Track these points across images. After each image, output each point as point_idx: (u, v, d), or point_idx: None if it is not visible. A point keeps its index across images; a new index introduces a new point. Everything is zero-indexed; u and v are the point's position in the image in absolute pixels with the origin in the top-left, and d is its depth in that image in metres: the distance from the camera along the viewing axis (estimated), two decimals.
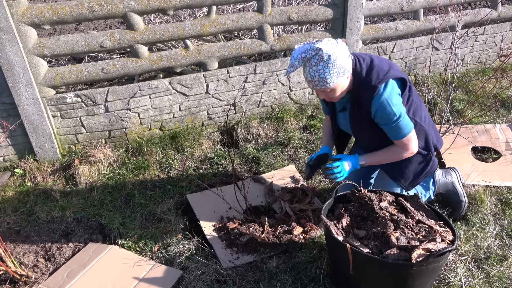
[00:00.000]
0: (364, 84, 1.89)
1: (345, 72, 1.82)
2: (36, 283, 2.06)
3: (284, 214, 2.43)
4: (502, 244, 2.20)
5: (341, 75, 1.81)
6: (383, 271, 1.69)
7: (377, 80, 1.86)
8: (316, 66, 1.76)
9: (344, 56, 1.79)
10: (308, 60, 1.77)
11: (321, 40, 1.78)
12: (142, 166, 2.91)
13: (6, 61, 2.57)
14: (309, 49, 1.75)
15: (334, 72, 1.77)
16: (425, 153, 2.15)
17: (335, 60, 1.75)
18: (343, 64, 1.79)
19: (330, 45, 1.75)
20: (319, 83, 1.81)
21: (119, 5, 2.76)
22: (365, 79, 1.88)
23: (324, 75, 1.77)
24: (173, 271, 2.10)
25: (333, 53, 1.74)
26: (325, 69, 1.76)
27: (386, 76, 1.87)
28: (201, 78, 3.22)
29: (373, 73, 1.88)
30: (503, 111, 3.59)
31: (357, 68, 1.90)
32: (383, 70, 1.89)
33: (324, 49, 1.72)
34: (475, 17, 4.02)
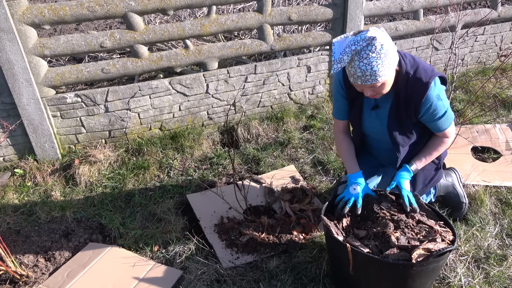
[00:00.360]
0: (413, 80, 1.78)
1: (395, 63, 1.69)
2: (36, 283, 2.06)
3: (284, 214, 2.43)
4: (502, 244, 2.20)
5: (392, 66, 1.67)
6: (383, 271, 1.69)
7: (427, 76, 1.78)
8: (367, 58, 1.59)
9: (393, 45, 1.66)
10: (358, 52, 1.61)
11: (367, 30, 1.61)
12: (142, 166, 2.91)
13: (6, 61, 2.57)
14: (359, 40, 1.58)
15: (386, 63, 1.62)
16: (437, 162, 2.14)
17: (387, 49, 1.60)
18: (393, 54, 1.66)
19: (380, 34, 1.60)
20: (370, 77, 1.64)
21: (119, 5, 2.76)
22: (413, 75, 1.78)
23: (377, 67, 1.61)
24: (173, 271, 2.10)
25: (385, 42, 1.60)
26: (378, 60, 1.60)
27: (433, 73, 1.80)
28: (201, 78, 3.22)
29: (421, 70, 1.79)
30: (503, 111, 3.59)
31: (401, 63, 1.78)
32: (428, 68, 1.82)
33: (377, 37, 1.57)
34: (475, 17, 4.02)
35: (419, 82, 1.78)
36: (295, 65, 3.53)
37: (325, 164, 2.96)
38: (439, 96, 1.83)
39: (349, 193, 1.95)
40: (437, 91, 1.82)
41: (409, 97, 1.83)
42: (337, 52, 1.66)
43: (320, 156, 3.05)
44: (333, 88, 2.07)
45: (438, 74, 1.83)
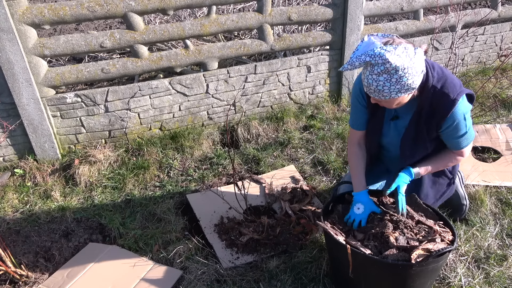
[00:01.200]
0: (439, 95, 1.70)
1: (409, 90, 1.60)
2: (36, 283, 2.06)
3: (284, 214, 2.43)
4: (502, 244, 2.20)
5: (403, 92, 1.59)
6: (382, 272, 1.69)
7: (455, 92, 1.68)
8: (377, 75, 1.54)
9: (416, 72, 1.56)
10: (371, 65, 1.55)
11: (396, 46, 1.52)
12: (142, 166, 2.91)
13: (6, 61, 2.57)
14: (377, 55, 1.51)
15: (395, 89, 1.56)
16: (451, 177, 2.10)
17: (401, 77, 1.53)
18: (410, 82, 1.56)
19: (403, 57, 1.51)
20: (374, 92, 1.61)
21: (119, 5, 2.76)
22: (441, 89, 1.69)
23: (383, 88, 1.56)
24: (173, 271, 2.10)
25: (403, 69, 1.51)
26: (386, 83, 1.55)
27: (462, 89, 1.71)
28: (201, 78, 3.22)
29: (449, 85, 1.70)
30: (503, 111, 3.59)
31: (429, 76, 1.69)
32: (456, 82, 1.73)
33: (393, 63, 1.49)
34: (475, 17, 4.02)
35: (446, 97, 1.69)
36: (295, 65, 3.53)
37: (325, 164, 2.96)
38: (465, 115, 1.73)
39: (354, 213, 1.89)
40: (463, 109, 1.72)
41: (433, 112, 1.74)
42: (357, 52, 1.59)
43: (320, 156, 3.05)
44: (352, 97, 1.98)
45: (466, 91, 1.74)
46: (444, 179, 2.09)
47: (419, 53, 1.55)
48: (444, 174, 2.07)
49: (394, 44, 1.54)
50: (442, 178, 2.07)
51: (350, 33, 3.51)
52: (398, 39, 1.59)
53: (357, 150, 2.04)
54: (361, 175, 1.99)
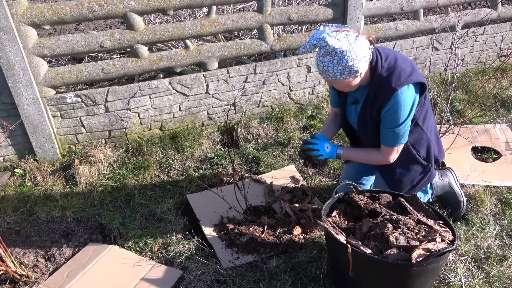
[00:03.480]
0: (383, 83, 1.84)
1: (352, 73, 1.77)
2: (36, 283, 2.06)
3: (284, 214, 2.43)
4: (502, 244, 2.20)
5: (346, 74, 1.77)
6: (383, 271, 1.69)
7: (397, 82, 1.80)
8: (322, 57, 1.75)
9: (356, 56, 1.73)
10: (319, 48, 1.75)
11: (339, 32, 1.73)
12: (142, 166, 2.91)
13: (6, 61, 2.57)
14: (320, 39, 1.71)
15: (338, 70, 1.75)
16: (425, 164, 2.13)
17: (341, 58, 1.71)
18: (351, 65, 1.74)
19: (343, 41, 1.70)
20: (322, 73, 1.81)
21: (119, 5, 2.76)
22: (385, 78, 1.83)
23: (327, 68, 1.76)
24: (173, 271, 2.10)
25: (342, 51, 1.70)
26: (329, 64, 1.74)
27: (407, 79, 1.81)
28: (201, 78, 3.22)
29: (395, 74, 1.82)
30: (503, 111, 3.59)
31: (378, 65, 1.85)
32: (406, 72, 1.83)
33: (331, 45, 1.68)
34: (475, 17, 4.02)
35: (388, 86, 1.82)
36: (295, 65, 3.53)
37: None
38: (402, 106, 1.83)
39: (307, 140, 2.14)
40: (402, 99, 1.82)
41: (376, 98, 1.89)
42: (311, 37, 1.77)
43: None
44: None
45: (414, 81, 1.83)
46: (418, 166, 2.13)
47: (360, 40, 1.74)
48: (417, 161, 2.11)
49: (339, 32, 1.74)
50: (416, 165, 2.12)
51: None
52: (346, 28, 1.77)
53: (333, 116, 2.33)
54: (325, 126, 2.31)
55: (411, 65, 1.90)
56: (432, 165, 2.16)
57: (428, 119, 2.05)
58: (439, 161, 2.20)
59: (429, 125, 2.07)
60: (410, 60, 1.96)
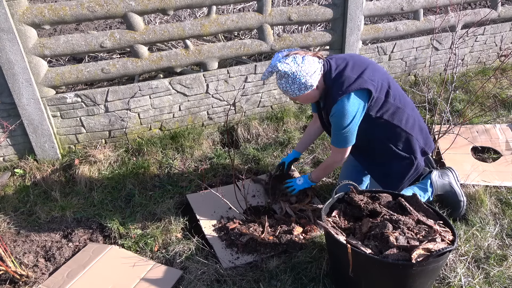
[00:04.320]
0: (329, 93, 2.03)
1: (308, 88, 1.99)
2: (36, 283, 2.06)
3: (284, 214, 2.43)
4: (502, 244, 2.20)
5: (303, 90, 2.00)
6: (383, 271, 1.69)
7: (338, 91, 1.97)
8: (279, 80, 2.01)
9: (306, 74, 1.95)
10: (276, 73, 2.01)
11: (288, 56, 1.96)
12: (142, 166, 2.91)
13: (6, 61, 2.57)
14: (273, 66, 1.96)
15: (294, 88, 1.98)
16: (406, 156, 2.18)
17: (294, 78, 1.96)
18: (304, 81, 1.97)
19: (291, 64, 1.94)
20: (284, 93, 2.05)
21: (119, 5, 2.76)
22: (330, 88, 2.02)
23: (286, 89, 2.01)
24: (173, 271, 2.10)
25: (292, 73, 1.94)
26: (286, 85, 1.99)
27: (348, 88, 1.96)
28: (201, 78, 3.22)
29: (338, 83, 1.99)
30: (503, 111, 3.59)
31: (326, 76, 2.04)
32: (349, 80, 1.97)
33: (282, 70, 1.94)
34: (475, 17, 4.02)
35: (331, 95, 2.02)
36: None
37: None
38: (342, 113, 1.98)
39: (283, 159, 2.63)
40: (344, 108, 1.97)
41: (326, 105, 2.11)
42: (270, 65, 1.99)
43: (320, 156, 3.05)
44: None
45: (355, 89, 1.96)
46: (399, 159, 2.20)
47: (307, 59, 1.97)
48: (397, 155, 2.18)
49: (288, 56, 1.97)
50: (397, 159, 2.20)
51: (350, 33, 3.51)
52: (294, 52, 1.99)
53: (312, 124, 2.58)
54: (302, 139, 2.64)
55: (360, 70, 2.02)
56: (416, 157, 2.20)
57: (401, 114, 2.11)
58: (427, 152, 2.26)
59: (404, 119, 2.12)
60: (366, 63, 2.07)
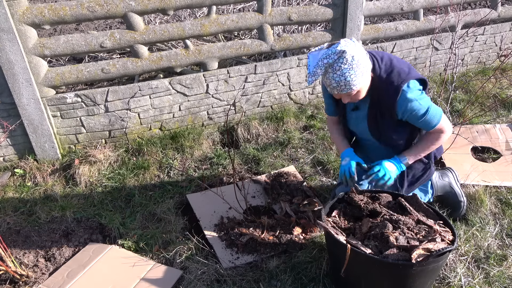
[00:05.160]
0: (385, 85, 1.84)
1: (368, 71, 1.79)
2: (36, 283, 2.06)
3: (284, 215, 2.43)
4: (502, 244, 2.20)
5: (365, 74, 1.77)
6: (383, 271, 1.69)
7: (399, 80, 1.81)
8: (340, 70, 1.70)
9: (364, 55, 1.75)
10: (331, 65, 1.71)
11: (338, 42, 1.71)
12: (142, 166, 2.91)
13: (6, 61, 2.57)
14: (331, 53, 1.68)
15: (359, 73, 1.72)
16: (426, 161, 2.17)
17: (358, 60, 1.70)
18: (365, 64, 1.75)
19: (350, 46, 1.70)
20: (345, 87, 1.75)
21: (119, 5, 2.76)
22: (386, 79, 1.84)
23: (350, 77, 1.71)
24: (173, 271, 2.10)
25: (356, 53, 1.69)
26: (350, 71, 1.70)
27: (407, 76, 1.83)
28: (201, 78, 3.22)
29: (394, 73, 1.83)
30: (503, 111, 3.59)
31: (375, 67, 1.85)
32: (404, 71, 1.85)
33: (347, 51, 1.67)
34: (475, 17, 4.02)
35: (391, 85, 1.83)
36: (295, 65, 3.53)
37: (325, 164, 2.96)
38: (414, 97, 1.83)
39: (342, 166, 2.10)
40: (410, 94, 1.83)
41: (381, 100, 1.89)
42: (311, 65, 1.73)
43: (320, 156, 3.05)
44: (322, 85, 2.14)
45: (413, 77, 1.84)
46: (419, 164, 2.16)
47: (356, 42, 1.75)
48: (418, 160, 2.12)
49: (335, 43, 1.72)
50: (417, 163, 2.14)
51: (350, 33, 3.51)
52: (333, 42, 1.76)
53: (336, 126, 2.28)
54: (343, 141, 2.22)
55: (407, 65, 1.92)
56: (432, 162, 2.19)
57: None
58: (437, 158, 2.24)
59: None
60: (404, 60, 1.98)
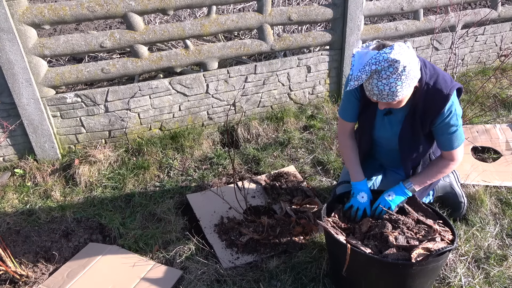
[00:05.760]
0: (432, 91, 1.73)
1: (415, 81, 1.65)
2: (36, 283, 2.06)
3: (284, 215, 2.43)
4: (502, 244, 2.20)
5: (412, 86, 1.64)
6: (383, 271, 1.69)
7: (447, 88, 1.72)
8: (387, 79, 1.56)
9: (416, 63, 1.62)
10: (378, 72, 1.56)
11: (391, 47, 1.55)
12: (142, 166, 2.91)
13: (6, 61, 2.57)
14: (382, 60, 1.53)
15: (406, 84, 1.59)
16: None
17: (409, 71, 1.57)
18: (416, 74, 1.62)
19: (404, 53, 1.54)
20: (387, 96, 1.61)
21: (119, 5, 2.76)
22: (433, 86, 1.73)
23: (396, 88, 1.58)
24: (173, 271, 2.10)
25: (409, 63, 1.55)
26: (398, 82, 1.56)
27: (453, 84, 1.74)
28: (201, 78, 3.22)
29: (441, 80, 1.73)
30: (503, 111, 3.59)
31: (422, 73, 1.73)
32: (447, 78, 1.76)
33: (401, 61, 1.52)
34: (475, 17, 4.02)
35: (439, 93, 1.73)
36: (295, 65, 3.53)
37: (325, 164, 2.96)
38: (457, 109, 1.77)
39: (358, 201, 1.94)
40: (456, 104, 1.76)
41: (427, 108, 1.77)
42: (356, 67, 1.60)
43: (320, 156, 3.05)
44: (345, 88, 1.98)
45: (457, 85, 1.77)
46: None
47: (410, 47, 1.61)
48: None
49: (388, 46, 1.57)
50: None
51: (350, 33, 3.51)
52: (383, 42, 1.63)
53: (350, 142, 2.08)
54: (357, 165, 2.03)
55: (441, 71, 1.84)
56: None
57: None
58: None
59: None
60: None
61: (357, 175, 2.00)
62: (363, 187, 1.97)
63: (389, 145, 2.04)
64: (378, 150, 2.16)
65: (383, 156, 2.17)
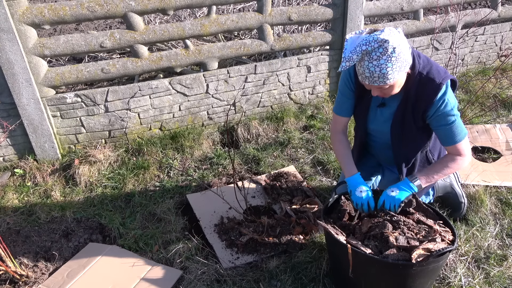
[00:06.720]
0: (425, 81, 1.73)
1: (407, 66, 1.65)
2: (36, 283, 2.06)
3: (284, 215, 2.43)
4: (502, 244, 2.20)
5: (403, 70, 1.64)
6: (383, 271, 1.69)
7: (440, 77, 1.72)
8: (377, 60, 1.57)
9: (407, 48, 1.62)
10: (369, 53, 1.57)
11: (382, 30, 1.58)
12: (142, 166, 2.91)
13: (6, 61, 2.57)
14: (372, 40, 1.54)
15: (397, 67, 1.59)
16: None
17: (399, 53, 1.57)
18: (406, 57, 1.62)
19: (394, 35, 1.56)
20: (378, 79, 1.62)
21: (119, 5, 2.76)
22: (426, 75, 1.73)
23: (386, 70, 1.58)
24: (173, 271, 2.10)
25: (399, 45, 1.55)
26: (388, 63, 1.57)
27: (446, 75, 1.74)
28: (201, 78, 3.22)
29: (434, 70, 1.73)
30: (503, 111, 3.59)
31: (415, 63, 1.73)
32: (441, 69, 1.76)
33: (390, 41, 1.53)
34: (475, 17, 4.02)
35: (431, 82, 1.73)
36: (295, 65, 3.53)
37: (325, 164, 2.96)
38: (450, 99, 1.75)
39: (358, 197, 1.91)
40: (449, 93, 1.75)
41: (419, 97, 1.77)
42: (348, 49, 1.61)
43: (320, 156, 3.05)
44: (341, 82, 2.00)
45: (450, 76, 1.77)
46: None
47: (401, 32, 1.62)
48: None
49: (379, 30, 1.59)
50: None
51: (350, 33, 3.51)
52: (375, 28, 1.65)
53: (341, 138, 2.08)
54: (350, 159, 2.03)
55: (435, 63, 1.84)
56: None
57: None
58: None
59: None
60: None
61: (350, 169, 1.99)
62: (358, 180, 1.94)
63: (383, 138, 2.04)
64: (373, 145, 2.15)
65: (378, 152, 2.17)
